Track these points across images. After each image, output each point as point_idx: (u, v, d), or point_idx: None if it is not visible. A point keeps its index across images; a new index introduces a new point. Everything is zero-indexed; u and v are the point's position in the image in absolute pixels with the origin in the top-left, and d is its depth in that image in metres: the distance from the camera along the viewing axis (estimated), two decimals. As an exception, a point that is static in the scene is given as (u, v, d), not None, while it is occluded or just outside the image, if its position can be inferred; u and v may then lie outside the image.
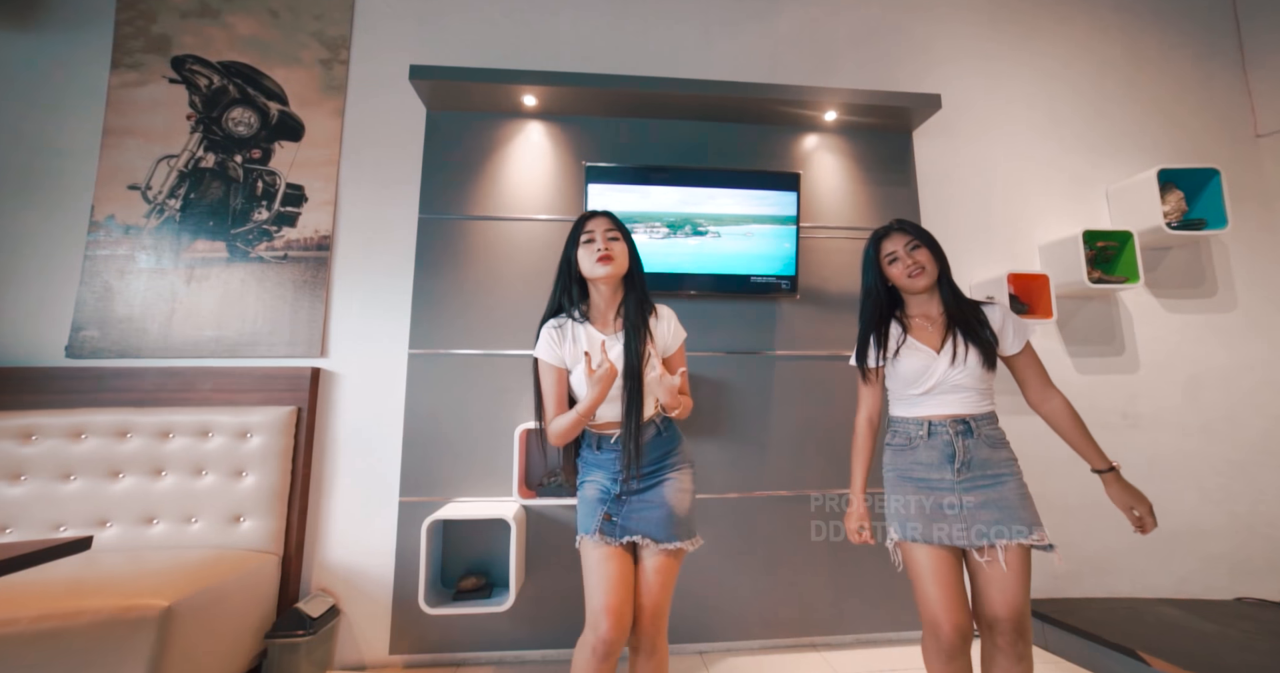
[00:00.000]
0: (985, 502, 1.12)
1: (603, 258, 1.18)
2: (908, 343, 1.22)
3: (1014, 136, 2.34)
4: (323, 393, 1.91)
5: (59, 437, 1.71)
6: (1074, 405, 1.26)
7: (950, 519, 1.13)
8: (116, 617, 1.22)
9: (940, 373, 1.17)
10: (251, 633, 1.59)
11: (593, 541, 1.16)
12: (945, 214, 2.24)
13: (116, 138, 1.98)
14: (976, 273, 2.20)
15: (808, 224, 2.11)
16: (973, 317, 1.20)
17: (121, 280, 1.89)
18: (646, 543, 1.15)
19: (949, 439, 1.15)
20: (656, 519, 1.16)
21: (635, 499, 1.19)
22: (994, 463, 1.15)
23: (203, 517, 1.71)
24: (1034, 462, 2.04)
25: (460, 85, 1.94)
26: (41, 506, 1.67)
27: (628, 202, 1.95)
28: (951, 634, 1.07)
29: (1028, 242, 2.25)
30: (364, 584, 1.81)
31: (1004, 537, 1.09)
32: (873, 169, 2.20)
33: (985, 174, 2.30)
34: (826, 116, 2.13)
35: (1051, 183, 2.32)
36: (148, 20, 2.06)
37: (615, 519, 1.16)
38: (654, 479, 1.20)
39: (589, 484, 1.23)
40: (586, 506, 1.20)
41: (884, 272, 1.26)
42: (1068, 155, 2.35)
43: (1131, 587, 2.06)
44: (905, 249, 1.23)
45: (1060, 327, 2.22)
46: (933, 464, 1.16)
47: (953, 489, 1.14)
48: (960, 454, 1.14)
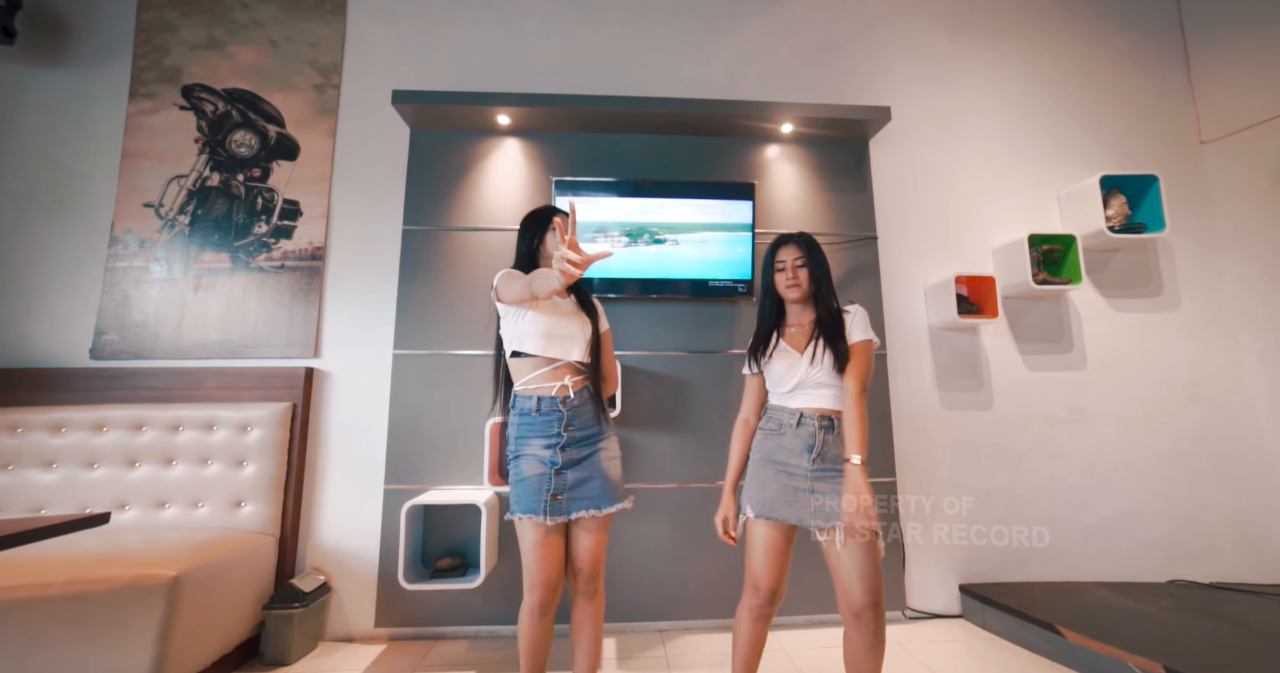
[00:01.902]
0: (832, 490, 1.25)
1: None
2: (780, 347, 1.37)
3: (970, 145, 2.44)
4: (316, 390, 2.10)
5: (84, 430, 1.92)
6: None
7: (800, 502, 1.27)
8: (133, 584, 1.41)
9: (802, 372, 1.31)
10: (251, 604, 1.78)
11: (535, 519, 1.26)
12: (901, 219, 2.35)
13: (133, 161, 2.19)
14: (932, 274, 2.31)
15: (764, 230, 2.24)
16: (837, 325, 1.33)
17: (138, 289, 2.11)
18: (591, 514, 1.29)
19: (813, 431, 1.29)
20: (597, 490, 1.31)
21: (573, 471, 1.31)
22: (838, 456, 1.29)
23: (209, 502, 1.91)
24: (989, 453, 2.16)
25: (439, 107, 2.11)
26: (70, 490, 1.88)
27: (591, 213, 2.11)
28: (766, 595, 1.28)
29: (981, 245, 2.35)
30: (352, 563, 2.00)
31: (842, 521, 1.22)
32: (830, 177, 2.32)
33: (941, 180, 2.40)
34: (783, 129, 2.26)
35: (1005, 188, 2.41)
36: (161, 54, 2.27)
37: (561, 497, 1.28)
38: (589, 447, 1.34)
39: (525, 459, 1.32)
40: (526, 485, 1.30)
41: (773, 278, 1.39)
42: (1022, 162, 2.44)
43: (1076, 572, 2.15)
44: (792, 263, 1.37)
45: (1011, 326, 2.31)
46: (794, 451, 1.29)
47: (806, 476, 1.27)
48: (818, 446, 1.28)
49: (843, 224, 2.28)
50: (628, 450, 2.07)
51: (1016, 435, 2.22)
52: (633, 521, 2.03)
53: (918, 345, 2.26)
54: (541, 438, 1.32)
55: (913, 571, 2.10)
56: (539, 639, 1.30)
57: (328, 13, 2.35)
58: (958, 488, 2.15)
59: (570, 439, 1.32)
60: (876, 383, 2.15)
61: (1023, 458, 2.21)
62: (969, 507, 2.13)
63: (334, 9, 2.36)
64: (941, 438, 2.20)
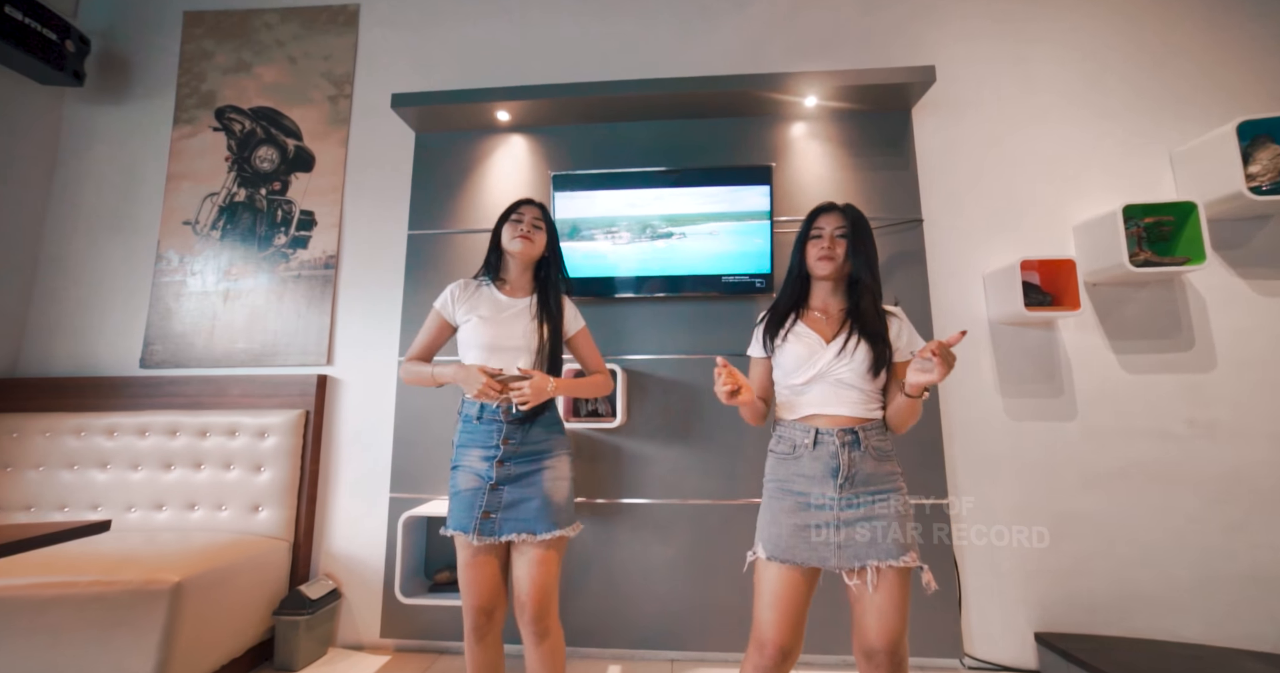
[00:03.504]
0: (862, 520, 1.03)
1: (522, 237, 1.33)
2: (796, 328, 1.14)
3: (1040, 105, 2.03)
4: (330, 397, 2.13)
5: (131, 434, 2.07)
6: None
7: (824, 540, 1.04)
8: (140, 588, 1.46)
9: (825, 362, 1.08)
10: (263, 608, 1.81)
11: (464, 537, 1.19)
12: (953, 197, 2.01)
13: (175, 182, 2.35)
14: (992, 260, 1.95)
15: (786, 218, 1.99)
16: (875, 319, 1.11)
17: (177, 302, 2.25)
18: (525, 538, 1.17)
19: (835, 451, 1.06)
20: (533, 511, 1.18)
21: (510, 489, 1.20)
22: (878, 478, 1.06)
23: (230, 505, 1.98)
24: (1071, 473, 1.78)
25: (439, 108, 2.07)
26: (119, 489, 2.02)
27: (588, 208, 1.97)
28: (774, 654, 1.05)
29: (1057, 223, 1.95)
30: (361, 571, 2.00)
31: (874, 558, 1.00)
32: (864, 154, 2.03)
33: (1003, 149, 2.02)
34: (807, 102, 1.99)
35: (1090, 152, 1.98)
36: (199, 81, 2.42)
37: (494, 516, 1.18)
38: (532, 465, 1.22)
39: (461, 471, 1.25)
40: (459, 499, 1.22)
41: (805, 246, 1.18)
42: (1115, 118, 1.99)
43: (1203, 632, 1.70)
44: (831, 232, 1.15)
45: (1101, 318, 1.89)
46: (815, 477, 1.07)
47: (832, 506, 1.05)
48: (845, 468, 1.05)
49: (881, 206, 1.98)
50: (633, 463, 1.91)
51: (1110, 452, 1.80)
52: (641, 540, 1.87)
53: (975, 344, 1.91)
54: (480, 449, 1.24)
55: (972, 612, 1.77)
56: (480, 666, 1.20)
57: (341, 24, 2.39)
58: (1029, 515, 1.79)
59: (509, 453, 1.21)
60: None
61: (1120, 481, 1.79)
62: (1045, 538, 1.76)
63: (347, 20, 2.40)
64: (1007, 454, 1.84)
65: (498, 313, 1.30)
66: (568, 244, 1.98)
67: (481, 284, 1.38)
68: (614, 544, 1.89)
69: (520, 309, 1.32)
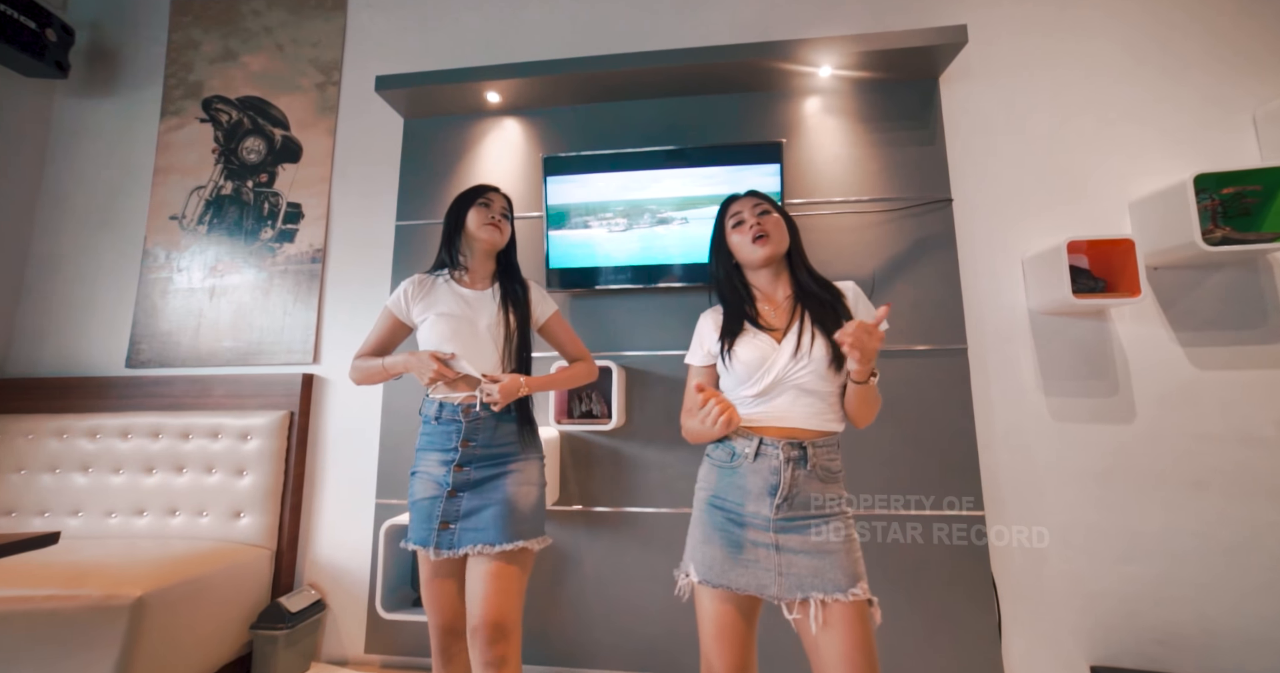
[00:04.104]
0: (803, 547, 0.90)
1: (491, 224, 1.23)
2: (746, 330, 1.00)
3: (1091, 67, 1.81)
4: (316, 398, 2.03)
5: (113, 436, 1.99)
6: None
7: (760, 564, 0.91)
8: (99, 603, 1.36)
9: (780, 367, 0.94)
10: (241, 622, 1.71)
11: (423, 552, 1.09)
12: (987, 173, 1.81)
13: (163, 176, 2.27)
14: (1032, 242, 1.74)
15: (798, 200, 1.82)
16: (825, 292, 1.00)
17: (163, 300, 2.17)
18: (480, 549, 1.04)
19: (777, 465, 0.93)
20: (490, 520, 1.06)
21: (470, 496, 1.08)
22: (820, 502, 0.92)
23: (211, 511, 1.89)
24: (1131, 483, 1.57)
25: (428, 91, 1.95)
26: (99, 494, 1.95)
27: (578, 193, 1.82)
28: None
29: (1110, 198, 1.73)
30: (346, 582, 1.89)
31: (819, 591, 0.86)
32: (885, 129, 1.84)
33: (1046, 117, 1.81)
34: (821, 72, 1.81)
35: (1155, 117, 1.75)
36: (187, 71, 2.34)
37: (453, 527, 1.07)
38: (495, 469, 1.10)
39: (419, 477, 1.15)
40: (417, 509, 1.13)
41: (727, 240, 1.06)
42: (1183, 77, 1.75)
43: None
44: (752, 211, 1.03)
45: (1165, 306, 1.67)
46: (750, 492, 0.94)
47: (767, 527, 0.92)
48: (784, 487, 0.91)
49: (904, 185, 1.79)
50: (632, 467, 1.76)
51: (1180, 460, 1.57)
52: (641, 551, 1.71)
53: (1013, 336, 1.71)
54: (438, 452, 1.13)
55: (1015, 641, 1.57)
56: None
57: (329, 9, 2.29)
58: (1081, 531, 1.58)
59: (468, 456, 1.10)
60: (956, 388, 1.65)
61: (1192, 493, 1.56)
62: (1100, 557, 1.55)
63: (335, 5, 2.29)
64: (1052, 461, 1.63)
65: (459, 306, 1.20)
66: (559, 232, 1.83)
67: (439, 278, 1.27)
68: (611, 555, 1.74)
69: (484, 299, 1.22)
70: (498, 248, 1.27)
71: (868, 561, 1.57)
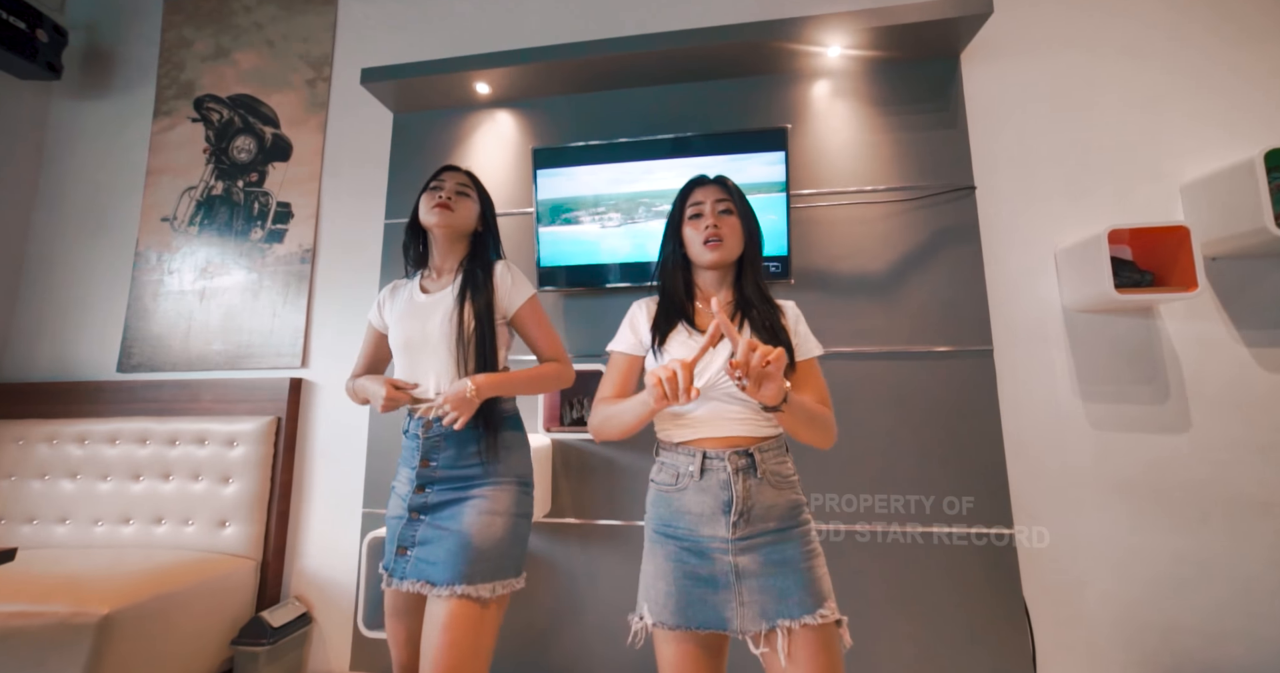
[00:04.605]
0: (764, 567, 0.80)
1: (439, 205, 1.09)
2: (679, 330, 0.91)
3: (1135, 35, 1.64)
4: (304, 403, 1.96)
5: (101, 442, 1.95)
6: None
7: (718, 594, 0.81)
8: (65, 620, 1.30)
9: (713, 373, 0.85)
10: (221, 638, 1.65)
11: (385, 582, 1.00)
12: (1015, 156, 1.65)
13: (155, 177, 2.24)
14: (1066, 231, 1.58)
15: (805, 191, 1.69)
16: (765, 305, 0.92)
17: (154, 303, 2.13)
18: (423, 591, 0.93)
19: (726, 478, 0.83)
20: (445, 553, 0.93)
21: (431, 521, 0.98)
22: (778, 511, 0.83)
23: (196, 520, 1.83)
24: (1183, 499, 1.40)
25: (416, 83, 1.87)
26: (86, 502, 1.91)
27: (578, 186, 1.72)
28: None
29: (1159, 180, 1.56)
30: (333, 594, 1.81)
31: (784, 616, 0.77)
32: (901, 112, 1.70)
33: (1081, 95, 1.65)
34: (829, 53, 1.68)
35: (1214, 90, 1.57)
36: (179, 70, 2.31)
37: (409, 555, 0.96)
38: (455, 493, 0.98)
39: (393, 494, 1.07)
40: (388, 529, 1.04)
41: (682, 229, 0.98)
42: (1245, 48, 1.57)
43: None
44: (713, 206, 0.94)
45: (1225, 302, 1.49)
46: (704, 515, 0.84)
47: (725, 550, 0.82)
48: (738, 501, 0.82)
49: (922, 173, 1.65)
50: (626, 478, 1.65)
51: (1243, 475, 1.40)
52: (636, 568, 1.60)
53: (1044, 336, 1.55)
54: (407, 469, 1.04)
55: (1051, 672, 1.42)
56: None
57: (320, 3, 2.23)
58: (1123, 552, 1.42)
59: (426, 477, 0.99)
60: (980, 393, 1.50)
61: (1259, 513, 1.39)
62: (1146, 583, 1.39)
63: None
64: (1090, 473, 1.48)
65: (410, 310, 1.09)
66: (550, 229, 1.73)
67: (411, 281, 1.18)
68: (608, 576, 1.63)
69: (440, 297, 1.09)
70: (455, 230, 1.11)
71: (891, 580, 1.47)
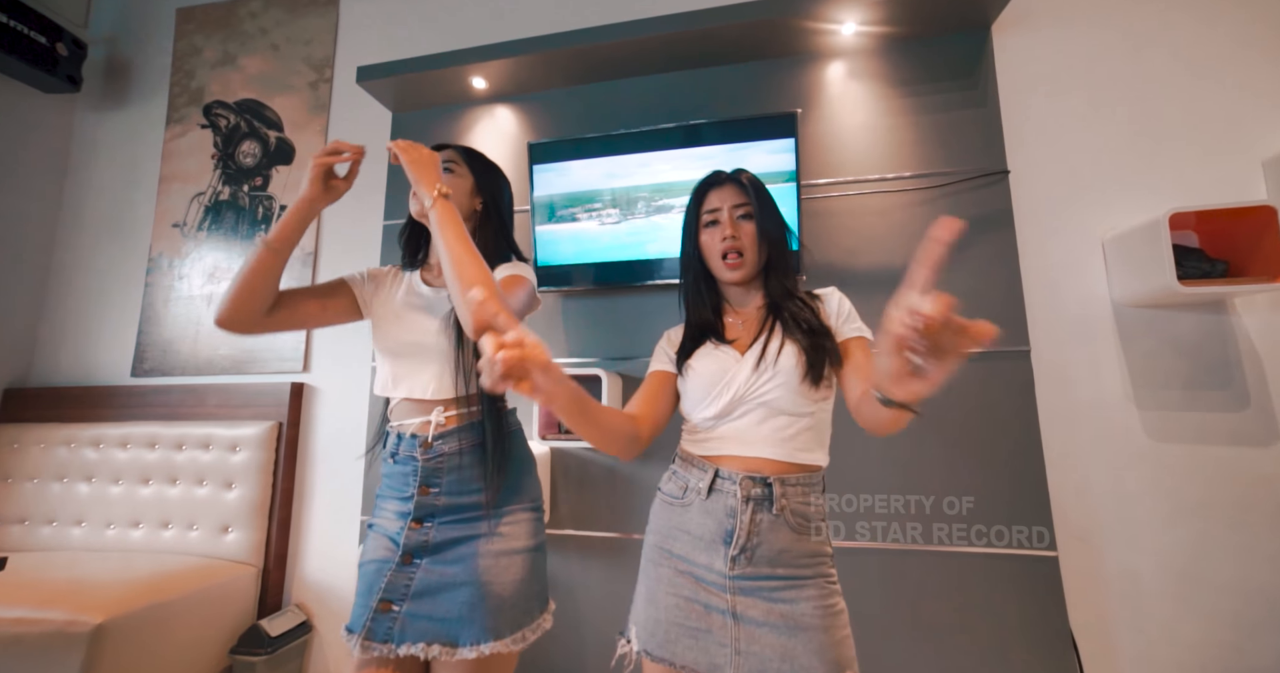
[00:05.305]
0: (769, 617, 0.68)
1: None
2: (706, 344, 0.81)
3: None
4: (306, 408, 1.95)
5: (114, 446, 1.97)
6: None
7: (712, 634, 0.70)
8: (60, 630, 1.29)
9: (742, 380, 0.75)
10: (220, 646, 1.63)
11: (353, 645, 0.80)
12: (1051, 137, 1.49)
13: (167, 184, 2.27)
14: (1116, 217, 1.41)
15: (819, 181, 1.56)
16: (798, 303, 0.82)
17: (165, 308, 2.16)
18: (441, 655, 0.76)
19: (732, 504, 0.72)
20: (459, 608, 0.77)
21: (429, 565, 0.81)
22: (790, 557, 0.71)
23: (200, 525, 1.83)
24: (1267, 522, 1.22)
25: (412, 81, 1.83)
26: (100, 504, 1.93)
27: (574, 181, 1.64)
28: None
29: (1236, 157, 1.37)
30: (333, 602, 1.78)
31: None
32: (924, 92, 1.55)
33: (1133, 64, 1.47)
34: (844, 30, 1.55)
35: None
36: (189, 78, 2.34)
37: (397, 610, 0.79)
38: (465, 527, 0.82)
39: (373, 533, 0.88)
40: (362, 578, 0.85)
41: (699, 237, 0.87)
42: None
43: None
44: (730, 213, 0.82)
45: (1307, 296, 1.30)
46: (702, 539, 0.73)
47: (722, 586, 0.71)
48: (741, 534, 0.70)
49: (947, 158, 1.51)
50: (627, 488, 1.56)
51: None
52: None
53: (1090, 335, 1.39)
54: (396, 500, 0.87)
55: (1099, 715, 1.26)
56: None
57: (322, 4, 2.22)
58: (1192, 583, 1.25)
59: (427, 508, 0.83)
60: (1016, 399, 1.35)
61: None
62: (1215, 620, 1.22)
63: (329, 0, 2.22)
64: (1147, 489, 1.30)
65: (405, 305, 0.94)
66: (547, 228, 1.66)
67: (403, 273, 1.05)
68: (607, 585, 1.54)
69: (438, 298, 0.94)
70: None
71: (920, 606, 1.33)
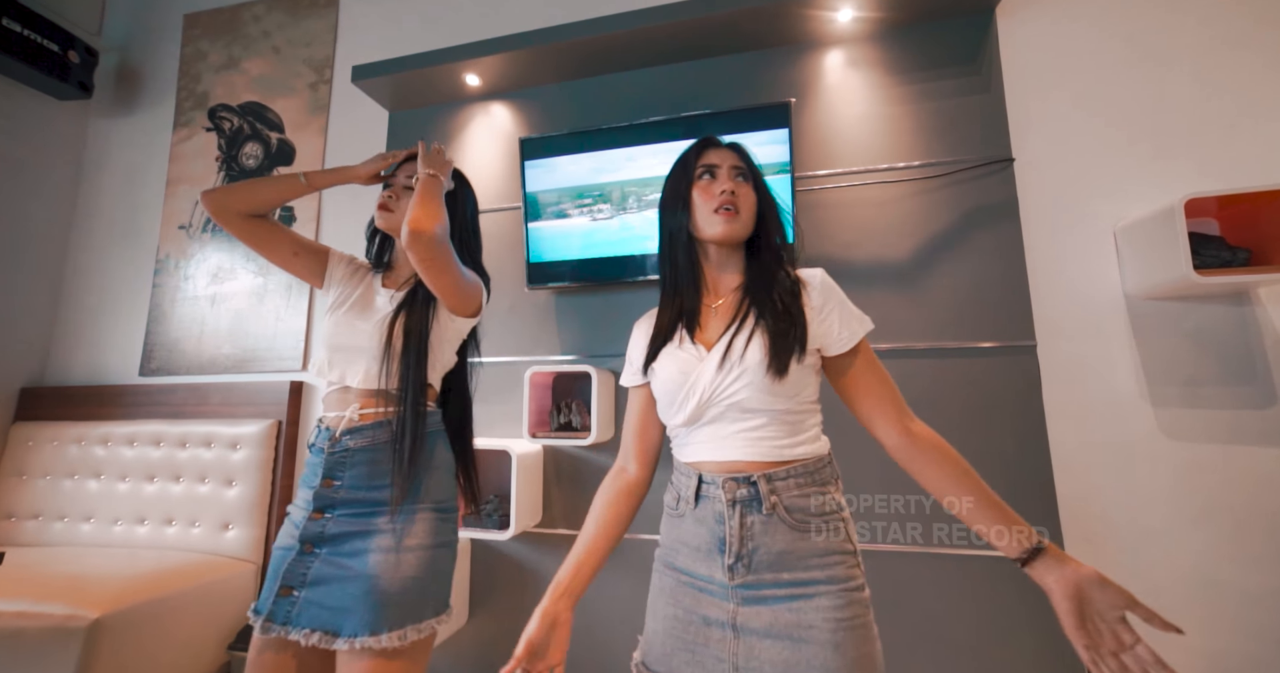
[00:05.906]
0: (770, 630, 0.62)
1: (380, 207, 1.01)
2: (675, 339, 0.74)
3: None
4: (305, 405, 1.96)
5: (121, 444, 2.01)
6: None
7: (710, 649, 0.65)
8: (58, 625, 1.31)
9: (706, 383, 0.68)
10: (216, 643, 1.64)
11: (256, 625, 0.82)
12: (1059, 123, 1.43)
13: (174, 187, 2.31)
14: (1129, 204, 1.34)
15: (817, 172, 1.52)
16: (778, 285, 0.72)
17: (172, 308, 2.19)
18: (320, 643, 0.78)
19: (720, 510, 0.67)
20: (348, 598, 0.78)
21: (328, 555, 0.82)
22: (797, 560, 0.64)
23: (202, 522, 1.85)
24: None
25: (407, 79, 1.83)
26: (107, 501, 1.97)
27: (563, 177, 1.62)
28: None
29: (1258, 138, 1.29)
30: (330, 601, 1.79)
31: None
32: (925, 78, 1.50)
33: (1145, 45, 1.40)
34: (840, 17, 1.51)
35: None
36: (195, 82, 2.38)
37: (296, 596, 0.81)
38: (362, 522, 0.83)
39: (286, 522, 0.90)
40: (272, 561, 0.87)
41: (691, 190, 0.78)
42: None
43: None
44: (728, 171, 0.76)
45: (1332, 286, 1.22)
46: (699, 550, 0.69)
47: (724, 597, 0.66)
48: (733, 540, 0.65)
49: (949, 146, 1.45)
50: (619, 490, 1.53)
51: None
52: (632, 584, 1.48)
53: (1100, 329, 1.32)
54: (305, 489, 0.88)
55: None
56: None
57: (322, 6, 2.24)
58: (1208, 591, 1.18)
59: (328, 499, 0.84)
60: (1021, 395, 1.29)
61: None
62: (1239, 632, 1.14)
63: (328, 1, 2.24)
64: (1163, 493, 1.23)
65: (360, 301, 0.98)
66: (538, 224, 1.64)
67: (369, 271, 1.08)
68: (601, 591, 1.51)
69: (383, 302, 0.96)
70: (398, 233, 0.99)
71: (920, 608, 1.28)
